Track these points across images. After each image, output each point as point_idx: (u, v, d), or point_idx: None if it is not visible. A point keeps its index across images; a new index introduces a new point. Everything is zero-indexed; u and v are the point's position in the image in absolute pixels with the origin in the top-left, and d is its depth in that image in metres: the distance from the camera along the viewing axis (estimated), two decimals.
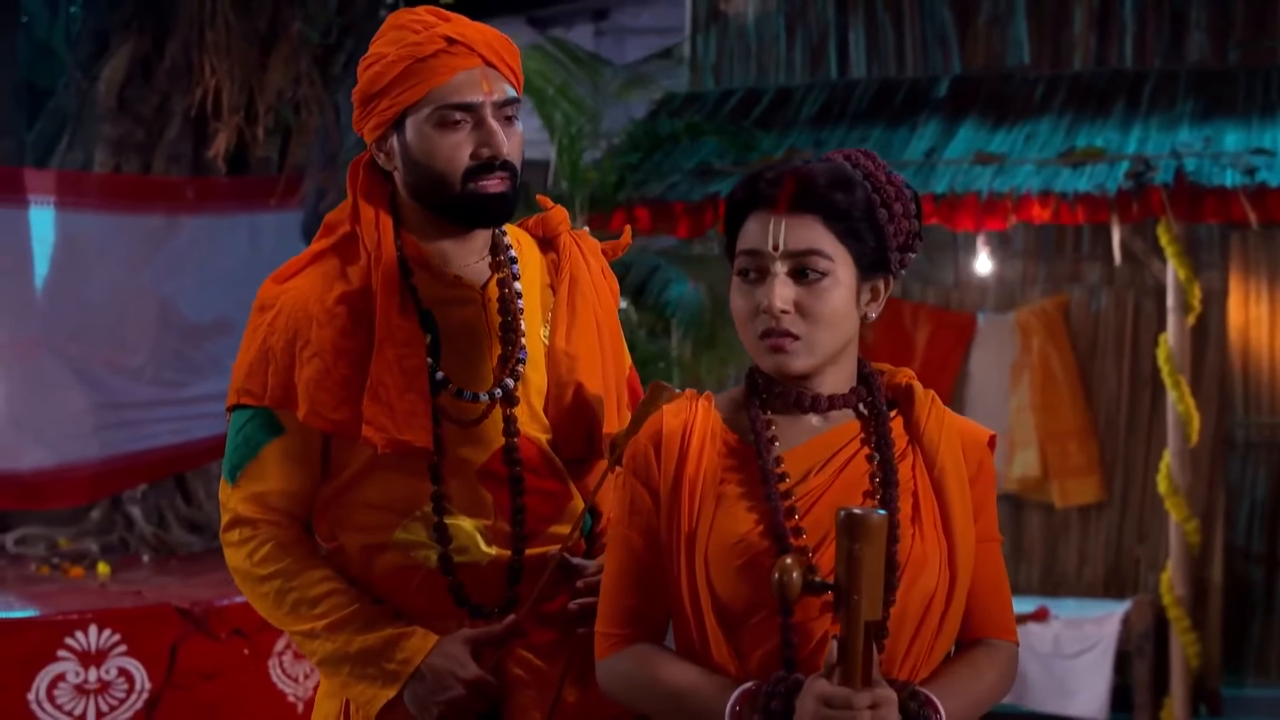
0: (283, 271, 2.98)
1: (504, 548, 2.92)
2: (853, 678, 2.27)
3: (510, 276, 2.98)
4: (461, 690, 2.82)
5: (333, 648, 2.88)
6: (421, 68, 2.83)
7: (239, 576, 2.97)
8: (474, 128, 2.85)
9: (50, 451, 7.05)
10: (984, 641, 2.59)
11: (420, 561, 2.90)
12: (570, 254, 3.05)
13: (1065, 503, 9.18)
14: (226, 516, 2.96)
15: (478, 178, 2.85)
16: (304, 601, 2.90)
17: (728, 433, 2.57)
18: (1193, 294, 8.07)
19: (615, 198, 8.25)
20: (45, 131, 7.83)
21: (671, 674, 2.50)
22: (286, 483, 2.91)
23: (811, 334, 2.47)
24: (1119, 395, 9.19)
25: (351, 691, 2.91)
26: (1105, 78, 8.97)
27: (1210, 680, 8.80)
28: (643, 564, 2.56)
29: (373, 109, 2.88)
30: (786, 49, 9.72)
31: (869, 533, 2.21)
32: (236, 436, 2.93)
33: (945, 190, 7.88)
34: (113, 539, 7.29)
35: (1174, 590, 8.15)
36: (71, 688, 5.65)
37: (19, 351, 7.00)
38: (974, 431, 2.62)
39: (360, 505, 2.92)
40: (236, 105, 7.26)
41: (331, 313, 2.88)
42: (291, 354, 2.88)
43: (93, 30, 7.62)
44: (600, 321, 3.05)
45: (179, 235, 7.33)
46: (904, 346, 9.21)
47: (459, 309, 2.94)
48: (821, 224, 2.48)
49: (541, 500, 2.95)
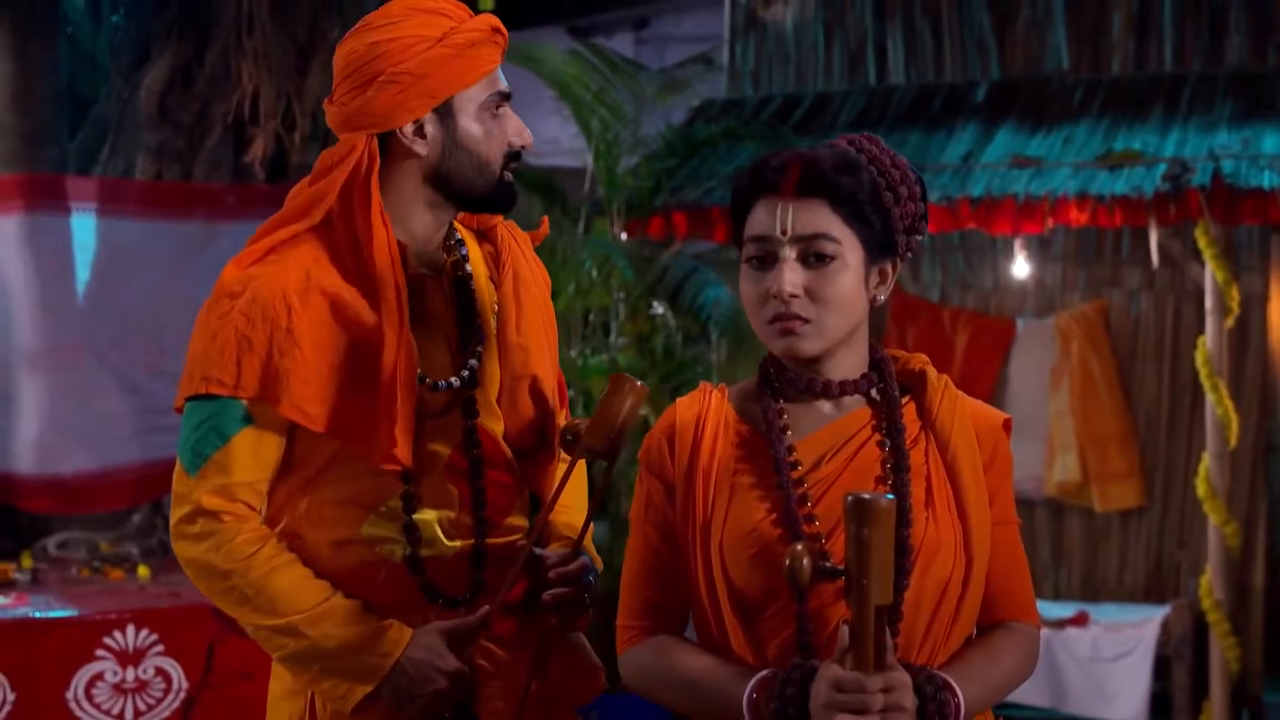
0: (246, 257, 2.89)
1: (467, 538, 2.91)
2: (865, 662, 2.28)
3: (461, 259, 2.99)
4: (444, 682, 2.81)
5: (306, 643, 2.82)
6: (475, 54, 2.86)
7: (195, 569, 2.87)
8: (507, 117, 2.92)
9: (92, 456, 7.12)
10: (1004, 624, 2.59)
11: (386, 555, 2.88)
12: (508, 245, 3.06)
13: (1105, 507, 9.14)
14: (186, 508, 2.85)
15: (508, 165, 2.92)
16: (275, 596, 2.83)
17: (740, 423, 2.58)
18: (1231, 297, 8.03)
19: (652, 203, 8.26)
20: (87, 139, 7.91)
21: (689, 664, 2.52)
22: (252, 474, 2.85)
23: (821, 317, 2.48)
24: (1159, 399, 9.15)
25: (320, 687, 2.85)
26: (1143, 81, 8.93)
27: (1251, 685, 8.73)
28: (660, 557, 2.58)
29: (409, 89, 2.82)
30: (825, 55, 9.71)
31: (876, 517, 2.22)
32: (202, 426, 2.83)
33: (982, 194, 7.86)
34: (153, 542, 7.34)
35: (1214, 594, 8.10)
36: (110, 687, 5.70)
37: (61, 357, 7.06)
38: (988, 415, 2.62)
39: (326, 501, 2.89)
40: (275, 111, 7.32)
41: (312, 303, 2.82)
42: (269, 343, 2.80)
43: (134, 39, 7.70)
44: (545, 313, 3.07)
45: (219, 242, 7.37)
46: (943, 352, 9.20)
47: (425, 296, 2.93)
48: (828, 208, 2.50)
49: (498, 492, 2.95)
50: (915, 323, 9.36)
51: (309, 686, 2.88)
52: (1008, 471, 2.61)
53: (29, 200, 7.01)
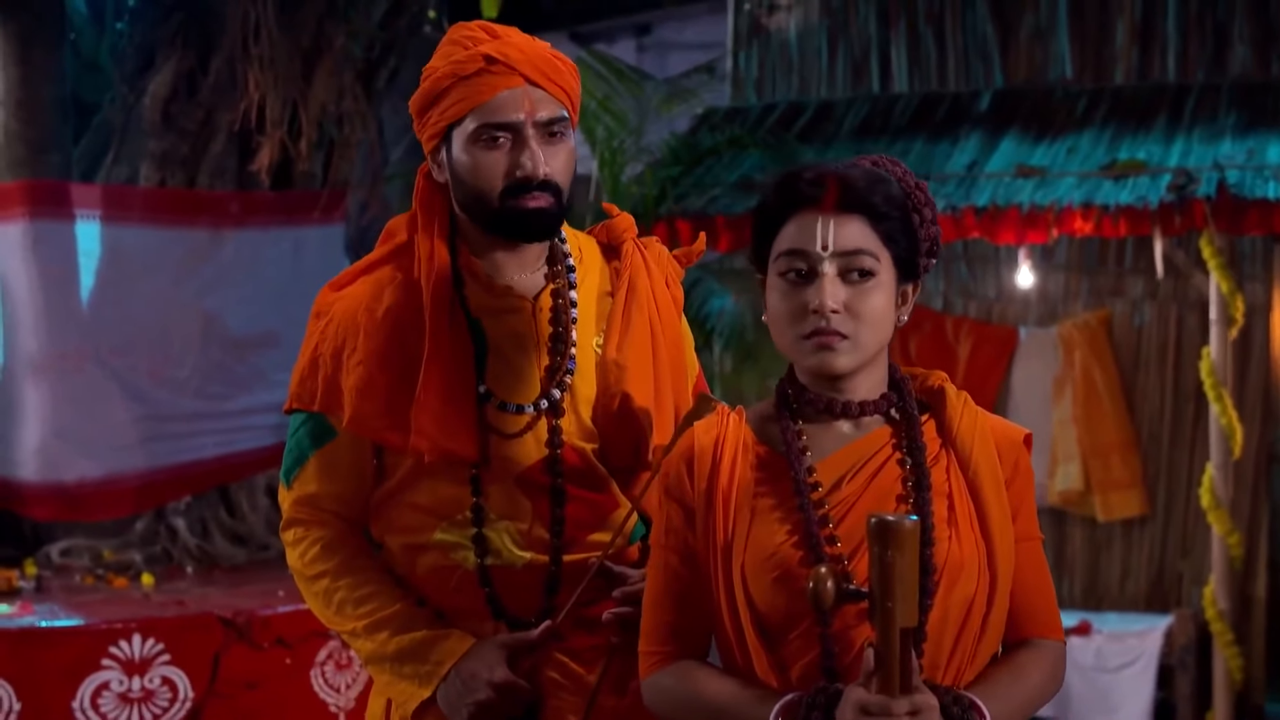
0: (339, 279, 3.04)
1: (540, 553, 2.93)
2: (890, 685, 2.27)
3: (565, 286, 3.00)
4: (490, 693, 2.85)
5: (373, 647, 2.94)
6: (464, 85, 2.86)
7: (295, 575, 3.05)
8: (513, 147, 2.86)
9: (95, 463, 7.12)
10: (1030, 642, 2.58)
11: (459, 561, 2.94)
12: (632, 262, 3.04)
13: (1108, 516, 9.13)
14: (283, 518, 3.06)
15: (515, 196, 2.86)
16: (348, 601, 2.97)
17: (759, 445, 2.57)
18: (1235, 307, 8.02)
19: (656, 211, 8.24)
20: (91, 146, 7.91)
21: (712, 688, 2.51)
22: (334, 485, 2.99)
23: (859, 333, 2.47)
24: (1162, 409, 9.14)
25: (393, 690, 2.96)
26: (1147, 91, 8.93)
27: (1254, 695, 8.73)
28: (682, 582, 2.57)
29: (425, 121, 2.93)
30: (829, 63, 9.71)
31: (900, 539, 2.21)
32: (290, 440, 3.02)
33: (987, 203, 7.85)
34: (156, 550, 7.35)
35: (1217, 604, 8.10)
36: (115, 696, 5.70)
37: (65, 364, 7.06)
38: (1009, 431, 2.60)
39: (406, 507, 2.97)
40: (280, 120, 7.31)
41: (379, 322, 2.93)
42: (339, 360, 2.93)
43: (138, 46, 7.70)
44: (656, 331, 3.03)
45: (223, 249, 7.38)
46: (946, 360, 9.19)
47: (508, 319, 2.96)
48: (868, 225, 2.49)
49: (583, 508, 2.96)
50: (918, 331, 9.35)
51: (386, 688, 2.99)
52: (1029, 487, 2.59)
53: (33, 207, 7.02)
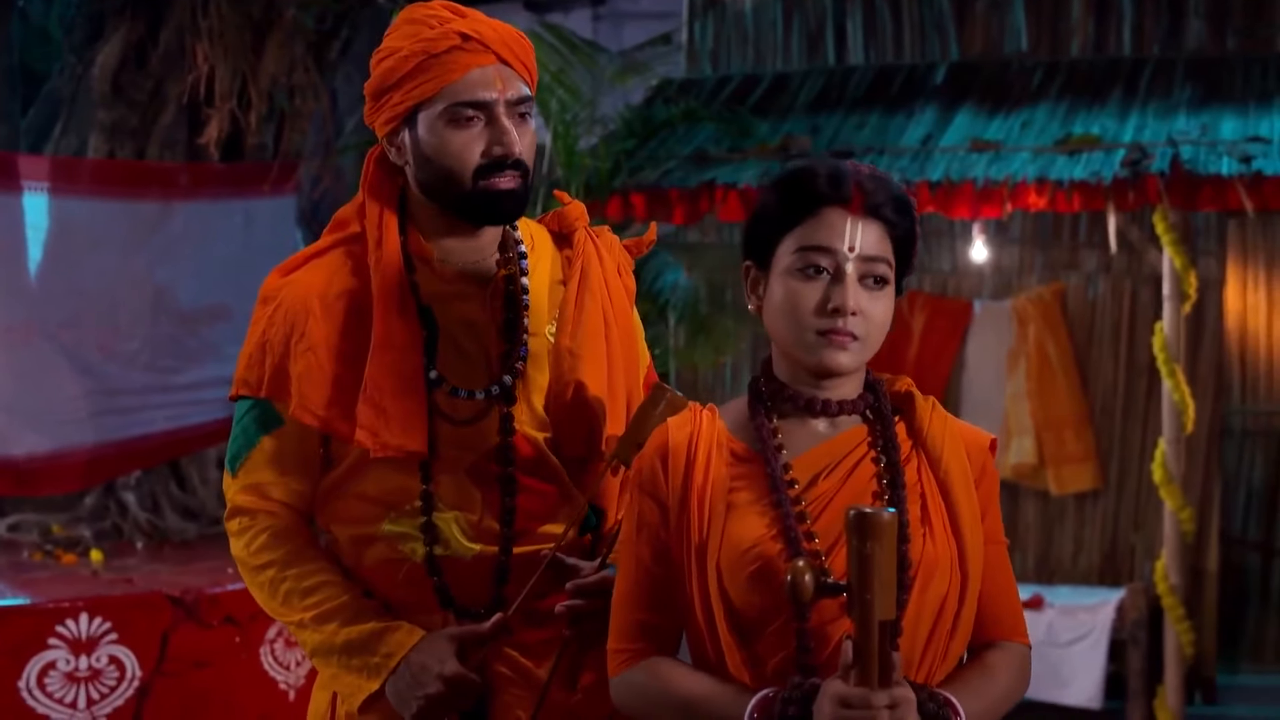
0: (288, 264, 2.98)
1: (490, 544, 2.90)
2: (869, 678, 2.26)
3: (518, 273, 2.96)
4: (440, 686, 2.80)
5: (320, 639, 2.89)
6: (435, 63, 2.81)
7: (239, 565, 2.99)
8: (486, 125, 2.83)
9: (44, 438, 7.06)
10: (996, 644, 2.59)
11: (407, 554, 2.90)
12: (584, 250, 3.01)
13: (1061, 490, 9.17)
14: (228, 506, 2.99)
15: (489, 175, 2.83)
16: (295, 592, 2.91)
17: (734, 441, 2.56)
18: (1189, 282, 8.05)
19: (611, 184, 8.21)
20: (40, 117, 7.83)
21: (684, 685, 2.50)
22: (282, 474, 2.93)
23: (868, 337, 2.51)
24: (1115, 383, 9.17)
25: (339, 683, 2.91)
26: (1103, 65, 8.94)
27: (1205, 668, 8.80)
28: (653, 578, 2.55)
29: (384, 103, 2.86)
30: (784, 35, 9.68)
31: (879, 531, 2.20)
32: (236, 427, 2.95)
33: (941, 178, 7.85)
34: (106, 525, 7.30)
35: (1169, 578, 8.14)
36: (62, 675, 5.66)
37: (13, 337, 6.99)
38: (975, 435, 2.63)
39: (353, 497, 2.93)
40: (230, 91, 7.25)
41: (330, 308, 2.88)
42: (288, 347, 2.87)
43: (87, 15, 7.61)
44: (609, 320, 2.99)
45: (173, 221, 7.32)
46: (901, 334, 9.19)
47: (459, 305, 2.92)
48: (885, 232, 2.52)
49: (534, 499, 2.93)
50: None
51: (332, 681, 2.95)
52: (995, 490, 2.63)
53: None
